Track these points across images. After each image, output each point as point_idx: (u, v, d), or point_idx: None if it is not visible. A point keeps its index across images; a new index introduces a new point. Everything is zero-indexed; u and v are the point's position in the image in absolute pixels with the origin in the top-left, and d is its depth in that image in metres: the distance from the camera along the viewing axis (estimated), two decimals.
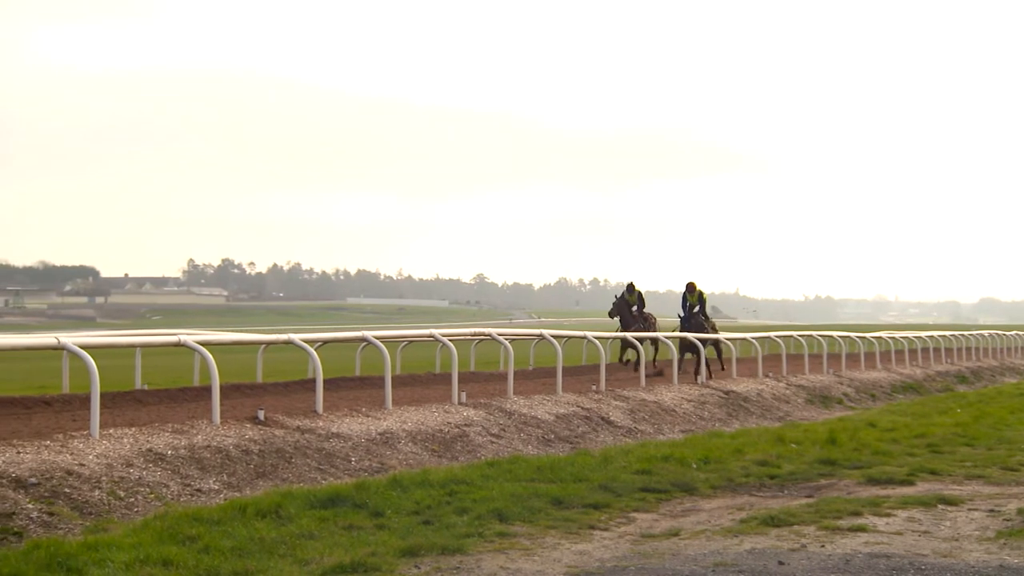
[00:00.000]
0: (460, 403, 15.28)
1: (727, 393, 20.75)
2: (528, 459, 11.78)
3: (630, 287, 25.75)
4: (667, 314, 37.33)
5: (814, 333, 30.93)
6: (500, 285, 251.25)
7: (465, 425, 14.09)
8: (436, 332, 17.09)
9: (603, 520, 8.78)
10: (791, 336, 29.89)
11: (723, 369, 24.36)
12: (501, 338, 17.30)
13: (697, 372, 22.29)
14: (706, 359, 22.43)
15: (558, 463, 11.27)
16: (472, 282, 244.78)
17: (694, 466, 11.60)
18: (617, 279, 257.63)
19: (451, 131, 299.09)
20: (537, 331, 20.71)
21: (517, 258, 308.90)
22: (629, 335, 22.27)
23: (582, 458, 11.73)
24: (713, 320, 25.38)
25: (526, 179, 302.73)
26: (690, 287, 24.31)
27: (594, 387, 18.64)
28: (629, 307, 25.36)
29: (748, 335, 27.76)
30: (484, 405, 15.53)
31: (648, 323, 25.45)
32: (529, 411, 15.65)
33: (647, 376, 21.12)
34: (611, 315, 25.81)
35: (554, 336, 19.54)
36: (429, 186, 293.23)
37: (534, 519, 8.63)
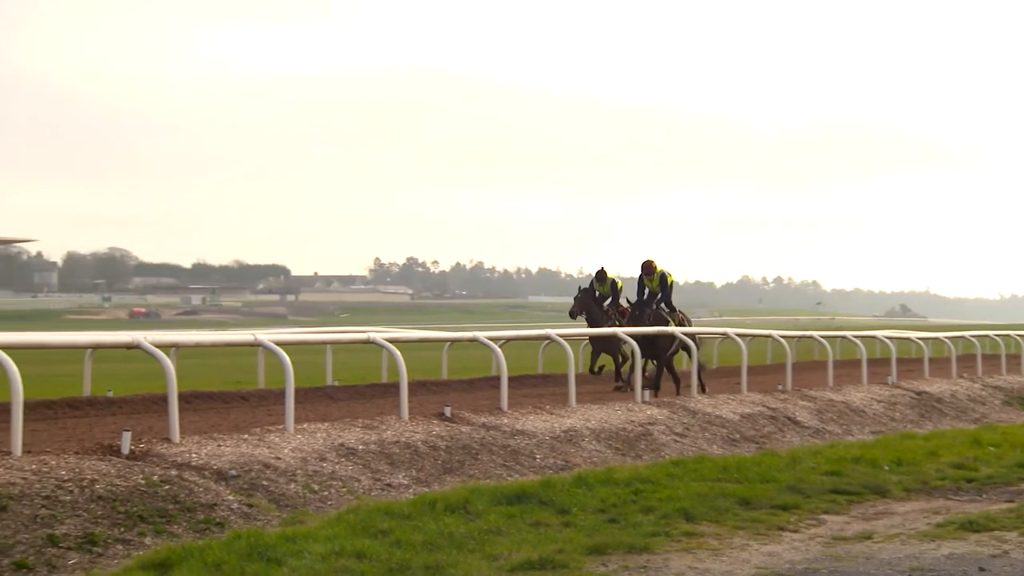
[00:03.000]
0: (643, 402, 15.23)
1: (919, 394, 20.15)
2: (714, 458, 11.66)
3: (600, 274, 19.87)
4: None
5: (1012, 333, 29.77)
6: (681, 283, 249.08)
7: (649, 424, 14.04)
8: (620, 331, 17.05)
9: (792, 521, 8.64)
10: (987, 336, 28.84)
11: (697, 385, 17.20)
12: (685, 337, 17.16)
13: (652, 387, 16.82)
14: (698, 366, 17.59)
15: (744, 463, 11.13)
16: None
17: (886, 468, 11.30)
18: (802, 277, 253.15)
19: (635, 129, 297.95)
20: (721, 329, 20.50)
21: (699, 256, 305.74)
22: (627, 331, 17.08)
23: (769, 458, 11.56)
24: (682, 313, 18.63)
25: (710, 176, 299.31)
26: (647, 267, 18.20)
27: (780, 386, 18.34)
28: (599, 300, 19.72)
29: (941, 334, 26.92)
30: (668, 404, 15.44)
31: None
32: (713, 410, 15.49)
33: (619, 386, 18.27)
34: (572, 314, 19.57)
35: (738, 335, 19.31)
36: (611, 184, 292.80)
37: (721, 519, 8.54)
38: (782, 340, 20.18)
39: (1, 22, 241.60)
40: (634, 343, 15.95)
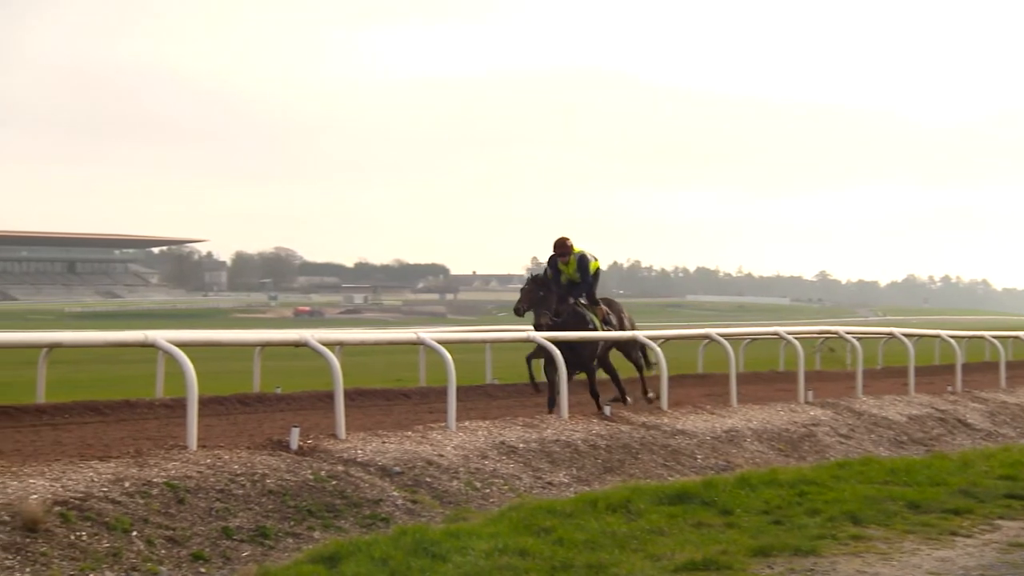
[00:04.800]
0: (807, 402, 14.96)
1: None
2: (881, 461, 11.37)
3: (562, 245, 14.04)
4: None
5: None
6: (844, 282, 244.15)
7: (812, 425, 13.80)
8: (781, 329, 16.81)
9: (965, 526, 8.36)
10: None
11: (648, 395, 14.53)
12: (849, 336, 16.81)
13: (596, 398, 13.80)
14: (641, 371, 14.82)
15: (913, 466, 10.83)
16: (814, 279, 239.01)
17: None
18: (971, 276, 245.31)
19: (796, 126, 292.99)
20: (887, 329, 20.03)
21: (862, 255, 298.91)
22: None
23: (939, 461, 11.23)
24: (608, 307, 14.60)
25: (874, 172, 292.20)
26: (560, 246, 13.81)
27: (949, 388, 17.83)
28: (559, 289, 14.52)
29: None
30: (831, 404, 15.15)
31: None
32: (879, 411, 15.15)
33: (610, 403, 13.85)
34: (518, 311, 14.31)
35: (905, 335, 18.83)
36: (772, 182, 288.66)
37: (889, 523, 8.33)
38: (951, 340, 19.58)
39: (168, 27, 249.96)
40: (555, 350, 12.49)
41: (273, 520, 7.84)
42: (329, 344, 11.13)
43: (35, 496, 7.09)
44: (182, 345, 9.54)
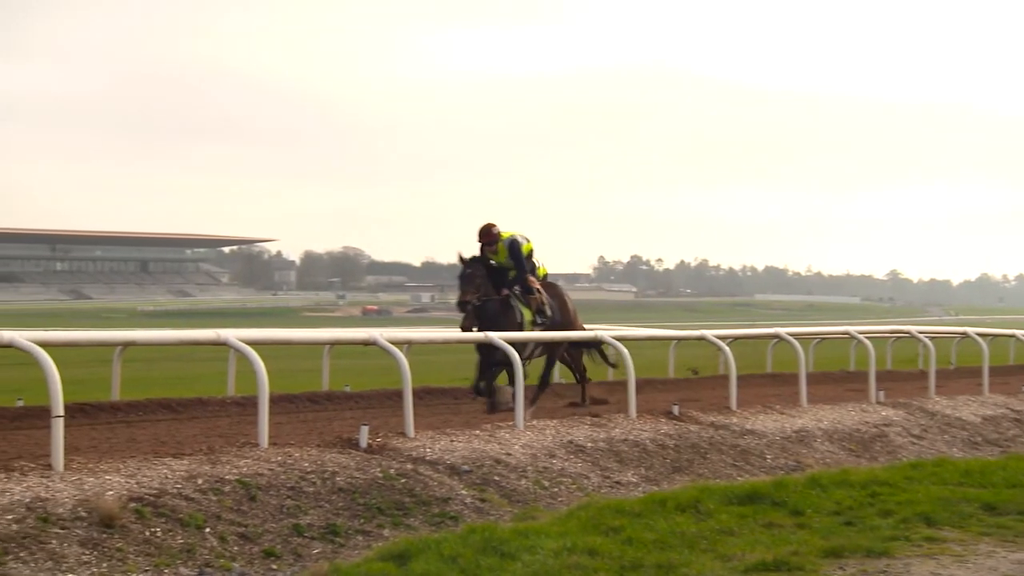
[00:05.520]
0: (878, 402, 14.80)
1: None
2: (954, 462, 11.21)
3: (487, 232, 12.91)
4: None
5: None
6: (915, 281, 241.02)
7: (884, 425, 13.65)
8: (852, 329, 16.63)
9: None
10: None
11: (584, 401, 13.84)
12: (922, 336, 16.59)
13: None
14: (582, 372, 14.08)
15: (988, 467, 10.66)
16: (885, 278, 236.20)
17: None
18: None
19: (865, 123, 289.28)
20: (960, 329, 19.75)
21: (934, 253, 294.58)
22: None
23: (1015, 462, 11.04)
24: (562, 289, 13.83)
25: (947, 169, 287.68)
26: (485, 234, 12.77)
27: None
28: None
29: None
30: (904, 405, 14.97)
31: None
32: (953, 412, 14.94)
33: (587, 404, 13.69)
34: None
35: (979, 334, 18.55)
36: (841, 181, 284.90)
37: (964, 525, 8.20)
38: None
39: (243, 29, 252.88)
40: (510, 349, 11.25)
41: (343, 518, 7.90)
42: (398, 343, 11.19)
43: (111, 492, 7.21)
44: (253, 343, 9.65)
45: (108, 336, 10.28)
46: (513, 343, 11.51)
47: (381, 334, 10.78)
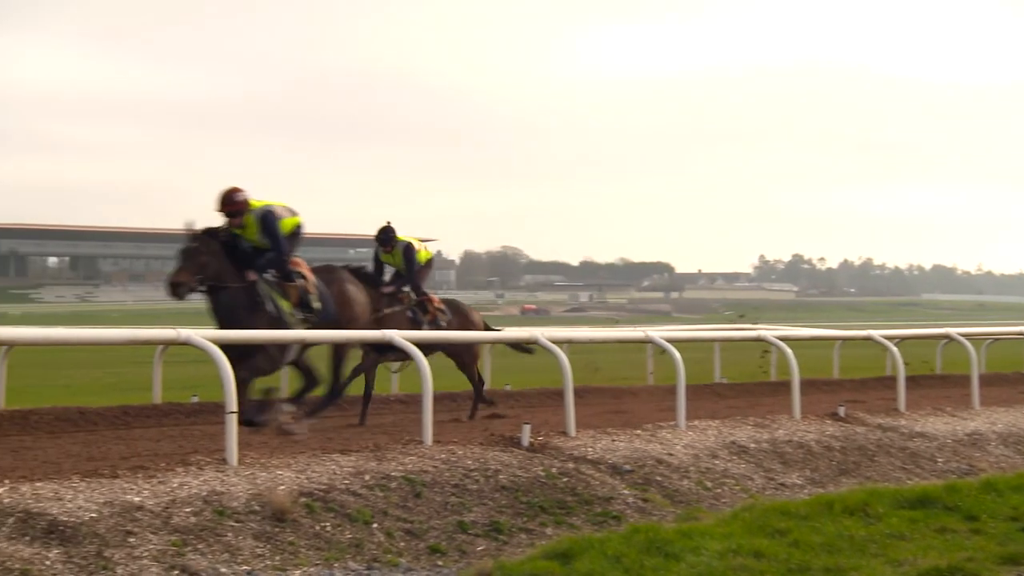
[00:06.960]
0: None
1: None
2: None
3: (384, 233, 13.03)
4: None
5: None
6: None
7: None
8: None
9: None
10: None
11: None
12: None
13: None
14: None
15: None
16: None
17: None
18: None
19: None
20: None
21: None
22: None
23: None
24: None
25: None
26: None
27: None
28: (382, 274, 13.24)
29: None
30: None
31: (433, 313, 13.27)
32: None
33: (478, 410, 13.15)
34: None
35: None
36: (1010, 175, 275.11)
37: None
38: None
39: (399, 29, 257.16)
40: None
41: (506, 515, 7.96)
42: (558, 342, 11.23)
43: (283, 487, 7.41)
44: (417, 343, 9.79)
45: (286, 335, 10.13)
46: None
47: (543, 333, 10.83)
